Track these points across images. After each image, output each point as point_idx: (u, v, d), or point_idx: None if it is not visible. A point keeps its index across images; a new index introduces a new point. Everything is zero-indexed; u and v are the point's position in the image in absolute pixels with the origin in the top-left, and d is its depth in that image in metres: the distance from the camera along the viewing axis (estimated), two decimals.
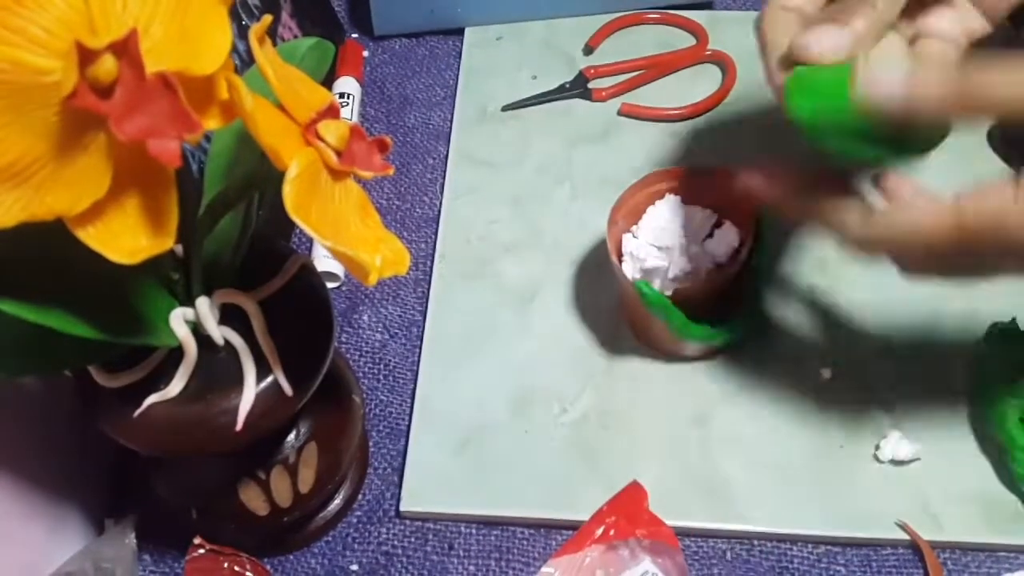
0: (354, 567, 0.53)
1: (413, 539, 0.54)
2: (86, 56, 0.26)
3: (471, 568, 0.53)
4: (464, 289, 0.62)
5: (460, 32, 0.75)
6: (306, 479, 0.48)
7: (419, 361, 0.59)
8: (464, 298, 0.62)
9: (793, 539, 0.53)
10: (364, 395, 0.57)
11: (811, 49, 0.41)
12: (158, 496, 0.51)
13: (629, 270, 0.54)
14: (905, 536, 0.52)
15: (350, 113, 0.70)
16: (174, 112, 0.27)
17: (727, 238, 0.54)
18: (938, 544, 0.52)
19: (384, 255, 0.34)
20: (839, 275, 0.60)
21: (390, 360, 0.61)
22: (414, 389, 0.58)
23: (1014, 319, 0.55)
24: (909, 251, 0.41)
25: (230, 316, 0.41)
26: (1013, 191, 0.38)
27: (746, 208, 0.53)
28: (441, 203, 0.66)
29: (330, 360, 0.44)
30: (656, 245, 0.54)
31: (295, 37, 0.68)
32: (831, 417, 0.55)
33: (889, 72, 0.38)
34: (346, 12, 0.78)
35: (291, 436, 0.48)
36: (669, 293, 0.53)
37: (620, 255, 0.55)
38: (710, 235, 0.55)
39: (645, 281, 0.52)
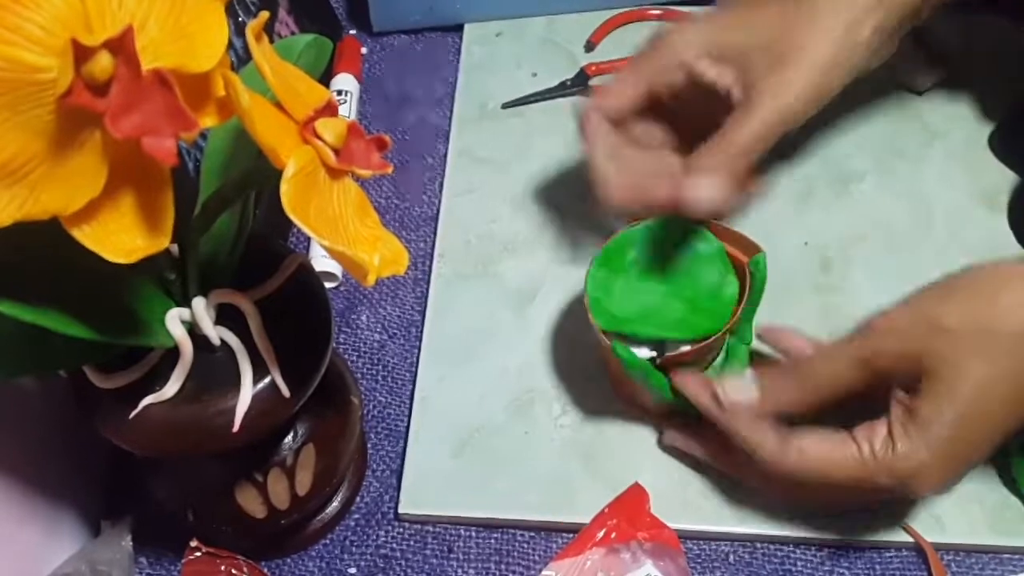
0: (352, 570, 0.53)
1: (412, 542, 0.54)
2: (82, 53, 0.26)
3: (471, 572, 0.53)
4: (464, 289, 0.61)
5: (459, 28, 0.75)
6: (303, 481, 0.48)
7: (418, 362, 0.59)
8: (464, 298, 0.61)
9: (796, 542, 0.52)
10: (362, 396, 0.57)
11: (700, 205, 0.49)
12: (154, 498, 0.50)
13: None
14: (909, 538, 0.51)
15: (348, 111, 0.70)
16: (170, 110, 0.27)
17: None
18: (942, 546, 0.51)
19: (382, 254, 0.34)
20: (842, 274, 0.60)
21: (389, 361, 0.60)
22: (413, 390, 0.58)
23: None
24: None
25: (227, 316, 0.41)
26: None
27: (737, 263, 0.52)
28: (440, 202, 0.66)
29: (328, 361, 0.44)
30: None
31: (292, 34, 0.68)
32: (833, 418, 0.55)
33: (739, 391, 0.48)
34: (344, 8, 0.78)
35: (288, 438, 0.48)
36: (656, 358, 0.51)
37: None
38: None
39: (623, 345, 0.50)
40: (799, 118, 0.50)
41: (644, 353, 0.51)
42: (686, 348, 0.50)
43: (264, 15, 0.31)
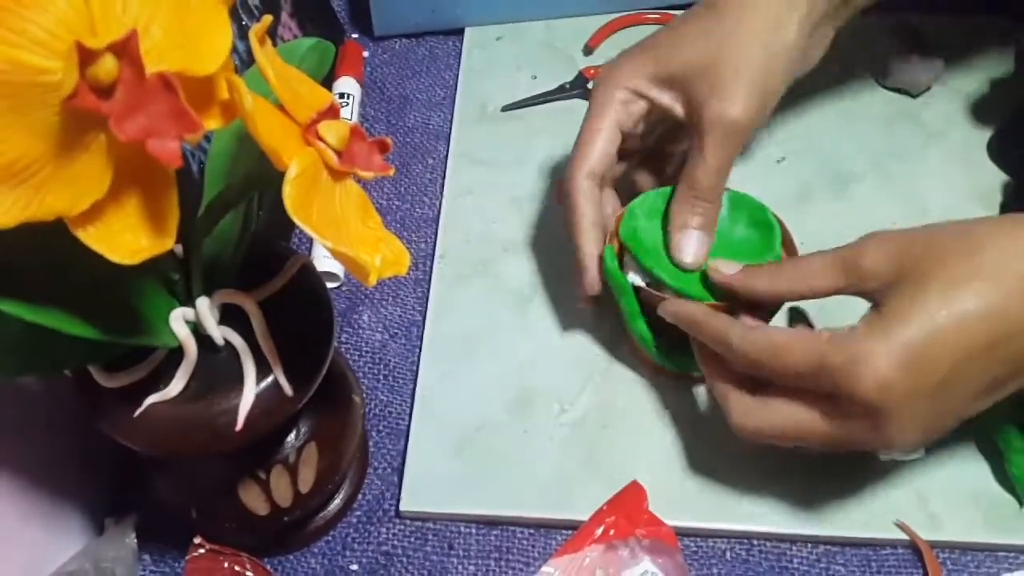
0: (354, 567, 0.53)
1: (413, 539, 0.54)
2: (86, 56, 0.26)
3: (471, 568, 0.53)
4: (464, 289, 0.62)
5: (460, 32, 0.75)
6: (306, 479, 0.48)
7: (419, 361, 0.59)
8: (464, 298, 0.61)
9: (792, 539, 0.53)
10: (364, 395, 0.57)
11: (685, 259, 0.51)
12: (158, 496, 0.51)
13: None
14: (904, 536, 0.52)
15: (350, 113, 0.70)
16: (174, 112, 0.27)
17: None
18: (937, 544, 0.52)
19: (384, 255, 0.34)
20: None
21: (390, 360, 0.61)
22: (414, 389, 0.58)
23: None
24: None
25: (230, 316, 0.41)
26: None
27: None
28: (441, 203, 0.66)
29: (330, 360, 0.44)
30: None
31: (295, 37, 0.68)
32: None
33: (726, 264, 0.50)
34: (346, 12, 0.78)
35: (291, 436, 0.48)
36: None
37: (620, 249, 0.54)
38: None
39: (613, 253, 0.53)
40: (750, 135, 0.51)
41: (638, 282, 0.52)
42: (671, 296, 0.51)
43: (267, 19, 0.31)
